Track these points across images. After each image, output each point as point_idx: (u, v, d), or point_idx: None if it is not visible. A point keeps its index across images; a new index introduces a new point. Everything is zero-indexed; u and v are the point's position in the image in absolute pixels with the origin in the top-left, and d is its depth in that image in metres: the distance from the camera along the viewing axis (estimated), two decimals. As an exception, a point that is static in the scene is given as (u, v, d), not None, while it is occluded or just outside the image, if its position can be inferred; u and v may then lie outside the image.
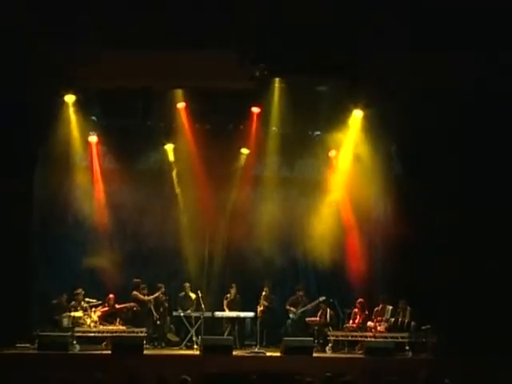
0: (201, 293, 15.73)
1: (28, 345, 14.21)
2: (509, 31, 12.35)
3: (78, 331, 14.56)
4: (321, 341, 15.50)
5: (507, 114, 14.13)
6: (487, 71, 13.18)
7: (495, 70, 13.15)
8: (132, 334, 14.63)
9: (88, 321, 14.92)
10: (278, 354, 14.35)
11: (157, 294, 15.68)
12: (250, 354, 14.41)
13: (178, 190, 16.83)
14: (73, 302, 15.03)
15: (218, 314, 15.90)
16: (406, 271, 15.59)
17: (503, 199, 14.56)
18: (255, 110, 16.20)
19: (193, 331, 15.55)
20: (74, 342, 14.22)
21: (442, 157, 15.19)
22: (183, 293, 16.20)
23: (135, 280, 15.76)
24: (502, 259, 14.39)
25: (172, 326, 16.02)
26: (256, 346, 15.11)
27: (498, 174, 14.63)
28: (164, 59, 13.73)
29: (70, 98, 15.33)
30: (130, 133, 16.43)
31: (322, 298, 15.94)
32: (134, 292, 15.60)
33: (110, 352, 13.90)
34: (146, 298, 15.59)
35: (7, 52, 12.67)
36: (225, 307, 16.13)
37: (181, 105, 16.05)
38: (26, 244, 15.73)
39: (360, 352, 14.87)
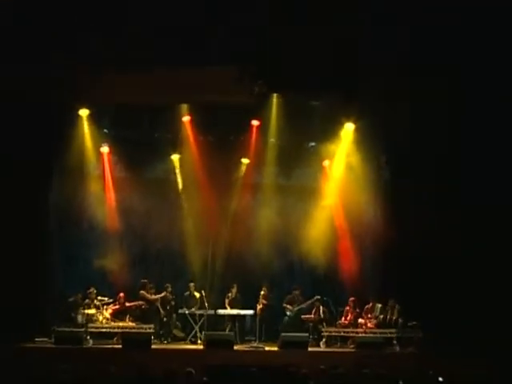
0: (204, 292, 15.80)
1: (46, 339, 14.26)
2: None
3: (92, 327, 14.61)
4: (315, 336, 15.48)
5: (492, 126, 14.07)
6: (472, 80, 13.17)
7: (481, 79, 13.11)
8: (141, 330, 14.65)
9: (100, 318, 14.95)
10: (276, 349, 14.40)
11: (162, 295, 15.64)
12: (250, 349, 14.45)
13: (183, 197, 16.82)
14: (86, 300, 15.08)
15: (221, 311, 15.91)
16: (394, 272, 15.62)
17: (484, 199, 14.48)
18: (255, 122, 16.22)
19: (197, 327, 15.58)
20: (88, 337, 14.31)
21: (427, 164, 15.18)
22: (188, 292, 16.17)
23: (142, 280, 15.74)
24: (487, 258, 14.32)
25: (178, 322, 16.01)
26: (255, 341, 15.14)
27: (479, 176, 14.53)
28: (170, 76, 13.77)
29: (84, 112, 15.43)
30: (139, 144, 16.40)
31: (316, 297, 15.91)
32: (142, 291, 15.58)
33: (120, 346, 13.99)
34: (152, 297, 15.55)
35: (29, 72, 12.75)
36: (226, 305, 16.10)
37: (186, 118, 16.08)
38: (44, 247, 15.75)
39: (351, 346, 14.87)
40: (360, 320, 15.49)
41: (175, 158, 16.86)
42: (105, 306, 15.19)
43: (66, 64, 12.68)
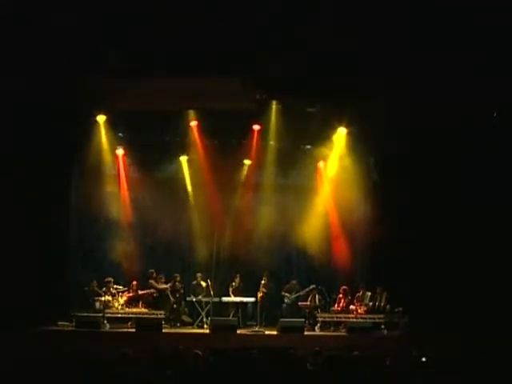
0: (210, 281, 15.81)
1: (67, 323, 14.34)
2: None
3: (108, 313, 14.70)
4: (311, 321, 15.48)
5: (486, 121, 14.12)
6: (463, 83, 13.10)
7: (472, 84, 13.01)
8: (153, 316, 14.72)
9: (116, 304, 15.06)
10: (275, 333, 14.43)
11: (169, 284, 15.68)
12: (252, 333, 14.46)
13: (190, 195, 16.88)
14: (103, 289, 15.21)
15: (225, 299, 15.93)
16: (382, 263, 15.67)
17: (467, 198, 14.59)
18: (256, 127, 16.18)
19: (203, 313, 15.62)
20: (105, 322, 14.40)
21: (413, 165, 15.27)
22: (195, 281, 16.19)
23: (150, 271, 15.81)
24: (466, 247, 14.44)
25: (186, 309, 16.06)
26: (256, 326, 15.16)
27: (463, 175, 14.64)
28: (179, 85, 13.85)
29: (101, 118, 15.47)
30: (151, 147, 16.42)
31: (312, 286, 15.94)
32: (150, 281, 15.66)
33: (134, 330, 14.09)
34: (160, 286, 15.61)
35: (53, 80, 12.84)
36: (230, 293, 16.14)
37: (193, 123, 16.03)
38: (65, 241, 15.91)
39: (344, 330, 14.89)
40: (351, 306, 15.51)
41: (183, 159, 16.92)
42: (120, 294, 15.31)
43: (86, 74, 12.77)
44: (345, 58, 12.82)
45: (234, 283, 16.32)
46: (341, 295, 15.85)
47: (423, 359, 8.83)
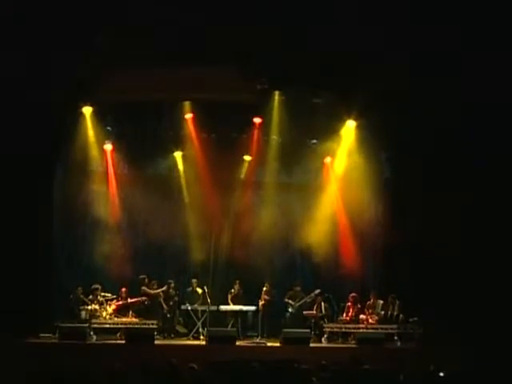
0: (207, 288, 15.75)
1: (50, 334, 14.23)
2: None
3: (95, 323, 14.59)
4: (317, 332, 15.45)
5: (496, 118, 14.09)
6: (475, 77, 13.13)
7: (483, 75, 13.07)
8: (144, 326, 14.63)
9: (104, 313, 14.95)
10: (278, 344, 14.39)
11: (164, 288, 15.66)
12: (252, 344, 14.46)
13: (185, 194, 16.84)
14: (90, 296, 15.12)
15: (223, 307, 15.92)
16: (395, 268, 15.68)
17: (488, 198, 14.52)
18: (256, 120, 16.21)
19: (199, 323, 15.56)
20: (92, 333, 14.30)
21: (429, 161, 15.21)
22: (190, 288, 16.19)
23: (141, 276, 15.74)
24: (488, 255, 14.35)
25: (180, 318, 16.03)
26: (257, 336, 15.19)
27: (482, 173, 14.56)
28: (173, 74, 13.81)
29: (87, 110, 15.41)
30: (142, 141, 16.41)
31: (317, 291, 15.89)
32: (142, 287, 15.64)
33: (123, 342, 14.02)
34: (154, 291, 15.58)
35: (32, 69, 12.76)
36: (229, 301, 16.14)
37: (188, 115, 16.08)
38: (47, 243, 15.76)
39: (353, 342, 14.86)
40: (361, 316, 15.49)
41: (178, 155, 16.93)
42: (108, 302, 15.23)
43: (69, 61, 12.67)
44: (353, 43, 12.76)
45: (232, 290, 16.31)
46: (349, 303, 15.80)
47: (441, 374, 8.76)
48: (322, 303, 15.85)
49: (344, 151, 16.50)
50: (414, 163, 15.52)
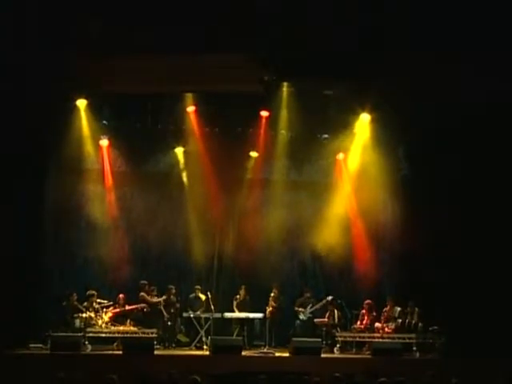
0: (210, 294, 15.79)
1: (41, 345, 14.22)
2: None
3: (90, 332, 14.60)
4: (329, 342, 15.50)
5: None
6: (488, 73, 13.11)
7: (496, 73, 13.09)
8: (143, 335, 14.67)
9: (99, 322, 14.94)
10: (287, 355, 14.41)
11: (163, 297, 15.66)
12: (259, 355, 14.45)
13: (187, 193, 16.85)
14: (85, 303, 15.09)
15: (228, 314, 15.94)
16: (413, 272, 15.66)
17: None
18: (264, 113, 16.24)
19: (202, 332, 15.57)
20: (86, 343, 14.30)
21: (450, 157, 15.14)
22: (193, 294, 16.19)
23: (142, 282, 15.76)
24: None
25: (182, 326, 16.05)
26: (265, 346, 15.15)
27: (504, 171, 14.59)
28: (174, 63, 13.75)
29: (81, 103, 15.45)
30: (141, 136, 16.46)
31: (329, 298, 15.93)
32: (142, 293, 15.62)
33: (121, 352, 13.99)
34: (153, 300, 15.58)
35: (20, 58, 12.72)
36: (234, 308, 16.18)
37: (190, 108, 16.13)
38: (39, 247, 15.80)
39: (368, 352, 14.89)
40: (377, 324, 15.50)
41: (179, 151, 16.94)
42: (104, 309, 15.19)
43: (63, 50, 12.62)
44: (367, 31, 12.69)
45: (238, 296, 16.33)
46: (364, 311, 15.83)
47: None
48: (335, 310, 15.86)
49: (358, 147, 16.53)
50: (434, 159, 15.42)
